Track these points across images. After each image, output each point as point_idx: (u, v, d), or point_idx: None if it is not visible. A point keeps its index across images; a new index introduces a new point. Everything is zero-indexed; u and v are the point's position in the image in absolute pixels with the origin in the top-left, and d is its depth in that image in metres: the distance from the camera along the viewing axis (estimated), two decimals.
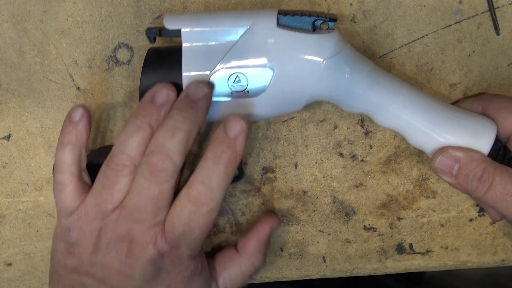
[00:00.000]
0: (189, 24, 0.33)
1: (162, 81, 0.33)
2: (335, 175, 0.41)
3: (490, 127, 0.33)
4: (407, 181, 0.41)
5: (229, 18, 0.33)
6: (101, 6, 0.38)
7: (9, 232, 0.43)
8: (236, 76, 0.32)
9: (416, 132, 0.34)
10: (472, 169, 0.33)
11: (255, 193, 0.42)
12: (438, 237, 0.43)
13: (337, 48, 0.32)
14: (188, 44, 0.33)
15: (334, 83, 0.33)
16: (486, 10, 0.37)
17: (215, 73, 0.32)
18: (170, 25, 0.33)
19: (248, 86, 0.33)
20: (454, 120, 0.33)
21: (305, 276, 0.44)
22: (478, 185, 0.33)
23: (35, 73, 0.39)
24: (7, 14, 0.38)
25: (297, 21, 0.33)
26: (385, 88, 0.33)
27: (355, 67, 0.33)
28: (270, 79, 0.32)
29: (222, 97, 0.33)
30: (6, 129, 0.40)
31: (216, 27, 0.32)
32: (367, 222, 0.43)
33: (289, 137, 0.40)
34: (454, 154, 0.33)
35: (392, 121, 0.34)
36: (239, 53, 0.32)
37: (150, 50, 0.35)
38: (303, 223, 0.43)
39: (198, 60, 0.33)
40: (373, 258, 0.44)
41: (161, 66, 0.33)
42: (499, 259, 0.43)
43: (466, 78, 0.39)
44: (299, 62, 0.32)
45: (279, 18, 0.32)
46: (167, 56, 0.34)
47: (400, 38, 0.38)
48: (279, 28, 0.32)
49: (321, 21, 0.33)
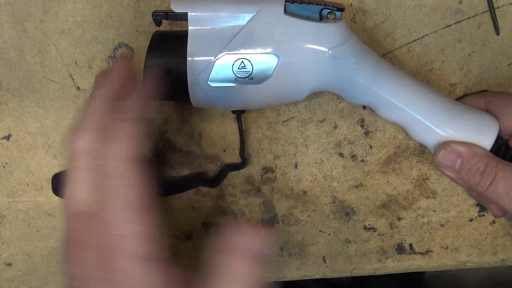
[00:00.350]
0: (196, 8, 0.32)
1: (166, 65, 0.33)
2: (335, 175, 0.41)
3: (493, 124, 0.33)
4: (407, 181, 0.41)
5: (236, 4, 0.32)
6: (101, 6, 0.38)
7: (9, 232, 0.43)
8: (241, 62, 0.32)
9: (419, 126, 0.34)
10: (474, 163, 0.33)
11: (255, 193, 0.42)
12: (438, 237, 0.43)
13: (343, 38, 0.32)
14: (194, 28, 0.32)
15: (339, 73, 0.33)
16: (486, 10, 0.37)
17: (220, 58, 0.32)
18: (177, 8, 0.32)
19: (252, 73, 0.32)
20: (457, 116, 0.33)
21: (305, 276, 0.44)
22: (480, 180, 0.33)
23: (35, 73, 0.39)
24: (7, 14, 0.38)
25: (304, 9, 0.32)
26: (390, 81, 0.33)
27: (360, 58, 0.33)
28: (275, 66, 0.32)
29: (226, 82, 0.33)
30: (6, 129, 0.40)
31: (223, 12, 0.32)
32: (367, 222, 0.43)
33: (289, 137, 0.40)
34: (456, 149, 0.33)
35: (395, 114, 0.34)
36: (245, 39, 0.32)
37: (155, 33, 0.34)
38: (303, 223, 0.43)
39: (204, 44, 0.32)
40: (373, 258, 0.44)
41: (166, 50, 0.33)
42: (499, 259, 0.43)
43: (466, 78, 0.39)
44: (304, 50, 0.32)
45: (287, 5, 0.32)
46: (172, 40, 0.34)
47: (400, 38, 0.38)
48: (286, 16, 0.32)
49: (328, 10, 0.33)
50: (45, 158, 0.41)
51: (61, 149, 0.41)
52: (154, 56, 0.33)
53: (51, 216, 0.42)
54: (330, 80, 0.33)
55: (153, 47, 0.33)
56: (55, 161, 0.41)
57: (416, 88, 0.33)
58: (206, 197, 0.42)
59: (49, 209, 0.42)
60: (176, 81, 0.33)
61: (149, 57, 0.33)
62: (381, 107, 0.34)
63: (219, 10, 0.32)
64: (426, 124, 0.33)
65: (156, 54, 0.33)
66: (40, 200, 0.42)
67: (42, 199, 0.42)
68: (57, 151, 0.41)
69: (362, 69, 0.33)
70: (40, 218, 0.42)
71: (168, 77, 0.33)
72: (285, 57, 0.32)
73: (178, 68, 0.32)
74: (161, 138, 0.40)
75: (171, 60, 0.33)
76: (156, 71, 0.33)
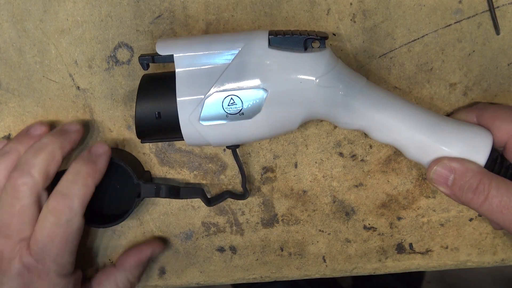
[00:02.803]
0: (181, 49, 0.33)
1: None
2: (335, 175, 0.41)
3: (486, 137, 0.33)
4: (407, 180, 0.41)
5: (220, 41, 0.33)
6: (101, 6, 0.38)
7: None
8: (230, 98, 0.32)
9: (412, 146, 0.34)
10: (467, 180, 0.32)
11: (255, 192, 0.42)
12: (438, 237, 0.43)
13: (329, 66, 0.32)
14: (181, 69, 0.33)
15: (328, 101, 0.33)
16: (486, 10, 0.37)
17: (210, 96, 0.32)
18: (162, 51, 0.33)
19: (243, 108, 0.33)
20: (450, 132, 0.33)
21: (305, 275, 0.44)
22: (472, 197, 0.32)
23: (35, 73, 0.39)
24: (7, 14, 0.38)
25: (288, 41, 0.33)
26: (379, 103, 0.33)
27: (348, 83, 0.33)
28: (264, 100, 0.32)
29: (217, 120, 0.33)
30: (6, 129, 0.40)
31: (208, 50, 0.32)
32: (367, 222, 0.43)
33: (289, 136, 0.40)
34: (449, 165, 0.33)
35: (387, 135, 0.34)
36: (232, 76, 0.32)
37: (144, 77, 0.35)
38: (303, 222, 0.43)
39: (192, 84, 0.33)
40: (373, 258, 0.44)
41: (156, 92, 0.33)
42: (499, 258, 0.43)
43: (466, 78, 0.39)
44: (292, 81, 0.32)
45: (271, 38, 0.32)
46: (161, 82, 0.34)
47: (400, 37, 0.38)
48: (271, 49, 0.32)
49: (312, 39, 0.33)
50: None
51: None
52: (144, 99, 0.33)
53: None
54: (320, 109, 0.33)
55: (143, 91, 0.34)
56: None
57: (406, 108, 0.33)
58: None
59: None
60: (168, 123, 0.33)
61: (139, 101, 0.33)
62: (373, 130, 0.34)
63: (204, 49, 0.33)
64: (419, 143, 0.33)
65: (146, 97, 0.33)
66: None
67: None
68: None
69: (351, 94, 0.33)
70: None
71: (160, 119, 0.33)
72: (274, 90, 0.32)
73: (169, 110, 0.33)
74: None
75: (161, 103, 0.33)
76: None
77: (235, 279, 0.44)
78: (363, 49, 0.38)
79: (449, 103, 0.39)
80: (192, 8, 0.38)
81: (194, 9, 0.38)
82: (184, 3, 0.38)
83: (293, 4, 0.37)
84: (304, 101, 0.33)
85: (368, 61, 0.39)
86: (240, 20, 0.38)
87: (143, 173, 0.40)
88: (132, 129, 0.40)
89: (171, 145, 0.41)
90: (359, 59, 0.39)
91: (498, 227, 0.38)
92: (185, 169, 0.41)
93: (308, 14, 0.38)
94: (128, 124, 0.40)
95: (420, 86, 0.39)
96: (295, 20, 0.38)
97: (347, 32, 0.38)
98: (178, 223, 0.43)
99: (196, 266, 0.44)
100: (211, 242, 0.43)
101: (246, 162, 0.41)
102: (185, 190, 0.39)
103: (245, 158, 0.41)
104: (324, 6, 0.37)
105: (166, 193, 0.39)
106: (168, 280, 0.44)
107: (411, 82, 0.39)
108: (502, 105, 0.39)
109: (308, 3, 0.37)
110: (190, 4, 0.38)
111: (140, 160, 0.41)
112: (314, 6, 0.37)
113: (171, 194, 0.39)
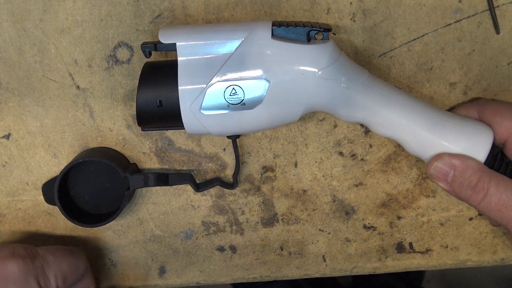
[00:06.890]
0: (184, 37, 0.32)
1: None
2: (335, 174, 0.41)
3: (487, 133, 0.33)
4: (407, 180, 0.41)
5: (223, 31, 0.33)
6: (101, 5, 0.38)
7: (9, 231, 0.43)
8: (232, 88, 0.32)
9: (413, 140, 0.34)
10: (466, 177, 0.32)
11: (254, 192, 0.42)
12: (438, 236, 0.43)
13: (332, 58, 0.32)
14: (183, 58, 0.33)
15: (330, 93, 0.33)
16: (486, 9, 0.37)
17: (211, 86, 0.32)
18: (165, 39, 0.33)
19: (244, 98, 0.32)
20: (451, 127, 0.33)
21: (305, 275, 0.44)
22: (472, 194, 0.32)
23: (35, 72, 0.39)
24: (6, 13, 0.38)
25: (291, 32, 0.32)
26: (381, 97, 0.33)
27: (350, 76, 0.33)
28: (266, 91, 0.32)
29: (219, 110, 0.33)
30: (6, 128, 0.40)
31: (211, 40, 0.32)
32: (367, 221, 0.43)
33: (289, 136, 0.40)
34: (450, 161, 0.33)
35: (389, 129, 0.34)
36: (234, 66, 0.32)
37: (146, 65, 0.35)
38: (303, 222, 0.43)
39: (194, 73, 0.32)
40: (373, 257, 0.44)
41: (157, 81, 0.33)
42: (498, 258, 0.43)
43: (466, 77, 0.39)
44: (294, 73, 0.32)
45: (274, 29, 0.32)
46: (163, 70, 0.34)
47: (400, 37, 0.38)
48: (274, 40, 0.32)
49: (316, 31, 0.33)
50: (44, 157, 0.41)
51: (61, 148, 0.41)
52: (146, 88, 0.33)
53: (51, 215, 0.42)
54: (322, 101, 0.33)
55: (145, 79, 0.34)
56: (55, 160, 0.41)
57: (408, 102, 0.33)
58: (206, 196, 0.42)
59: (49, 208, 0.42)
60: (169, 111, 0.33)
61: (141, 89, 0.33)
62: (375, 123, 0.34)
63: (206, 38, 0.32)
64: (420, 137, 0.33)
65: (147, 86, 0.33)
66: (40, 199, 0.42)
67: (42, 198, 0.42)
68: (57, 150, 0.41)
69: (353, 87, 0.33)
70: (40, 217, 0.42)
71: (161, 107, 0.33)
72: (276, 81, 0.32)
73: (170, 98, 0.33)
74: (161, 137, 0.40)
75: (163, 91, 0.33)
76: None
77: (235, 279, 0.44)
78: (363, 48, 0.38)
79: (449, 102, 0.39)
80: (192, 7, 0.38)
81: (194, 9, 0.38)
82: (184, 3, 0.38)
83: (293, 3, 0.37)
84: (306, 93, 0.33)
85: (368, 60, 0.39)
86: (240, 19, 0.38)
87: (129, 166, 0.40)
88: (132, 129, 0.40)
89: (171, 145, 0.41)
90: (359, 58, 0.39)
91: (496, 224, 0.38)
92: (185, 168, 0.41)
93: (308, 13, 0.38)
94: (128, 123, 0.40)
95: (420, 85, 0.39)
96: (295, 19, 0.38)
97: (347, 31, 0.38)
98: (178, 222, 0.43)
99: (196, 266, 0.44)
100: (211, 241, 0.43)
101: (246, 162, 0.41)
102: (173, 176, 0.39)
103: (245, 157, 0.41)
104: (324, 5, 0.37)
105: (154, 181, 0.38)
106: (168, 280, 0.44)
107: (411, 81, 0.39)
108: (503, 101, 0.39)
109: (308, 2, 0.37)
110: (190, 4, 0.38)
111: (140, 159, 0.41)
112: (314, 5, 0.37)
113: (159, 182, 0.39)
